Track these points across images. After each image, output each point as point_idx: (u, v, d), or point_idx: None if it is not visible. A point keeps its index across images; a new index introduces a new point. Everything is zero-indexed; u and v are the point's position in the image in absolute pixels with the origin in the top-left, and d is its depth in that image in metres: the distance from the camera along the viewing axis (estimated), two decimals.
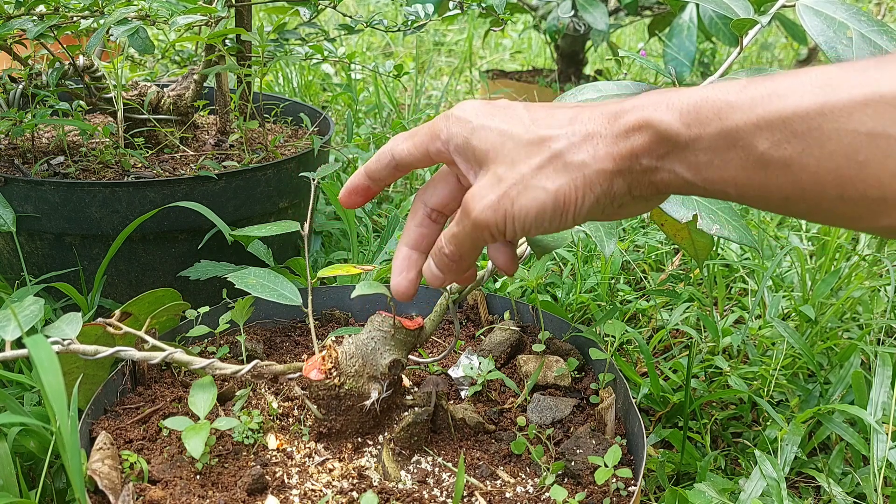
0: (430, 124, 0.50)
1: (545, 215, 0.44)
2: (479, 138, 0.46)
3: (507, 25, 2.18)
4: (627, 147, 0.41)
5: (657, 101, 0.40)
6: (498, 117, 0.46)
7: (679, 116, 0.38)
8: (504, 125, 0.45)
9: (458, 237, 0.49)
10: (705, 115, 0.37)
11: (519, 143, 0.44)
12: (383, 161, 0.53)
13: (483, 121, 0.46)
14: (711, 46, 2.31)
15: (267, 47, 1.11)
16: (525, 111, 0.46)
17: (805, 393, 0.91)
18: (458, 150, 0.48)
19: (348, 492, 0.63)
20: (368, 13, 2.46)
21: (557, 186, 0.43)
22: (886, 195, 0.33)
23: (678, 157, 0.39)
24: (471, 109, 0.48)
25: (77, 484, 0.52)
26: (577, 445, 0.68)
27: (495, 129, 0.45)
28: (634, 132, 0.40)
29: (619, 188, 0.42)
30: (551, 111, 0.45)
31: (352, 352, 0.67)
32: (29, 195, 0.94)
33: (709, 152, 0.38)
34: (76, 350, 0.61)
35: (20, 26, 0.95)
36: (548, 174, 0.43)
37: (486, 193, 0.45)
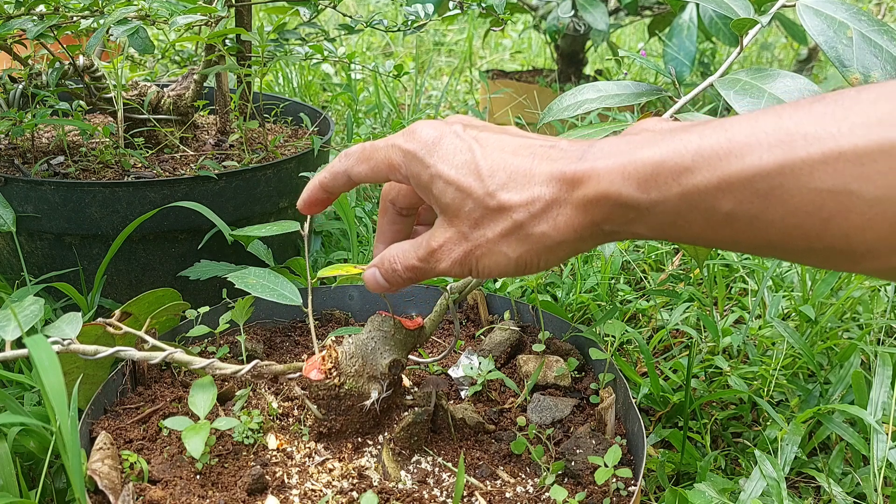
0: (386, 153, 0.49)
1: (507, 273, 0.46)
2: (439, 190, 0.46)
3: (507, 25, 2.18)
4: (589, 219, 0.41)
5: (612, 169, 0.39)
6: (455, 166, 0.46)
7: (637, 185, 0.38)
8: (462, 178, 0.45)
9: (418, 272, 0.51)
10: (663, 179, 0.37)
11: (480, 206, 0.45)
12: (339, 180, 0.54)
13: (440, 168, 0.46)
14: (711, 46, 2.31)
15: (267, 47, 1.11)
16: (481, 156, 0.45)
17: (805, 393, 0.92)
18: (420, 189, 0.49)
19: (348, 492, 0.63)
20: (368, 13, 2.47)
21: (519, 255, 0.44)
22: (854, 248, 0.33)
23: (640, 223, 0.39)
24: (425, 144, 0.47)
25: (77, 484, 0.52)
26: (577, 445, 0.68)
27: (453, 184, 0.45)
28: (594, 205, 0.40)
29: (582, 248, 0.44)
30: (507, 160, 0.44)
31: (352, 352, 0.67)
32: (29, 195, 0.94)
33: (671, 215, 0.38)
34: (76, 350, 0.61)
35: (20, 26, 0.95)
36: (509, 243, 0.44)
37: (453, 248, 0.47)
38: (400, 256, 0.52)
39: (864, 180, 0.31)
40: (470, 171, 0.45)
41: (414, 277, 0.52)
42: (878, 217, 0.32)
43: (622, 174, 0.39)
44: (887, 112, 0.32)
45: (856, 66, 0.60)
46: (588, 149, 0.41)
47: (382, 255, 0.53)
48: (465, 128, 0.47)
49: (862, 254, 0.33)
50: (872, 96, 0.32)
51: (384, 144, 0.50)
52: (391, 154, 0.49)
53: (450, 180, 0.46)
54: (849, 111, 0.33)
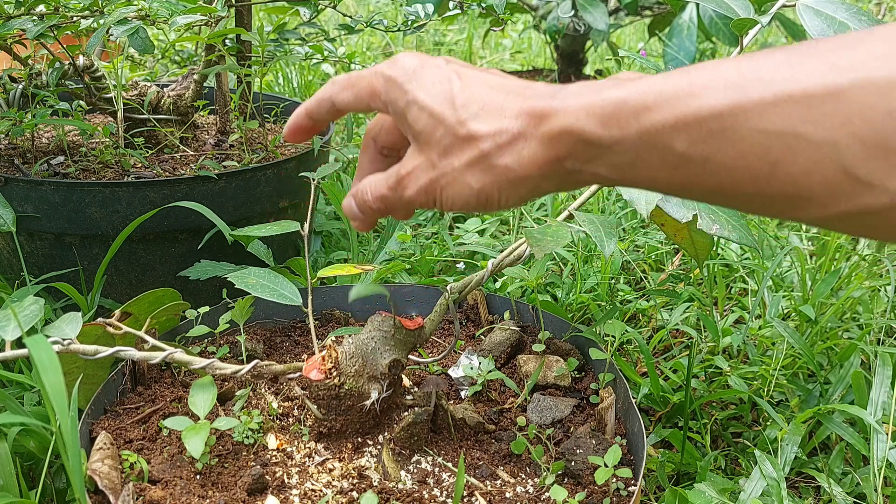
0: (370, 79, 0.50)
1: (469, 206, 0.47)
2: (413, 116, 0.47)
3: (507, 25, 2.18)
4: (553, 154, 0.42)
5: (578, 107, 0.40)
6: (432, 94, 0.47)
7: (599, 122, 0.39)
8: (436, 105, 0.46)
9: (388, 201, 0.51)
10: (624, 117, 0.38)
11: (450, 134, 0.45)
12: (324, 106, 0.55)
13: (418, 94, 0.47)
14: (711, 46, 2.31)
15: (267, 47, 1.11)
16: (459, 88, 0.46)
17: (805, 393, 0.91)
18: (395, 116, 0.49)
19: (348, 492, 0.63)
20: (368, 13, 2.46)
21: (481, 186, 0.45)
22: (800, 192, 0.34)
23: (601, 161, 0.40)
24: (406, 71, 0.48)
25: (77, 484, 0.52)
26: (577, 445, 0.68)
27: (427, 110, 0.46)
28: (557, 139, 0.41)
29: (544, 187, 0.44)
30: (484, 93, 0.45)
31: (352, 352, 0.67)
32: (29, 195, 0.94)
33: (629, 154, 0.39)
34: (76, 350, 0.61)
35: (20, 26, 0.95)
36: (474, 173, 0.45)
37: (420, 176, 0.48)
38: (371, 186, 0.52)
39: (811, 123, 0.32)
40: (445, 100, 0.46)
41: (384, 208, 0.52)
42: (824, 160, 0.32)
43: (586, 111, 0.40)
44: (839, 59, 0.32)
45: None
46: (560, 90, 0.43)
47: (358, 186, 0.54)
48: (447, 62, 0.49)
49: (807, 199, 0.34)
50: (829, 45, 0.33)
51: (369, 72, 0.51)
52: (374, 80, 0.50)
53: (424, 106, 0.47)
54: (804, 58, 0.34)
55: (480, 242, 1.29)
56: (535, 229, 0.68)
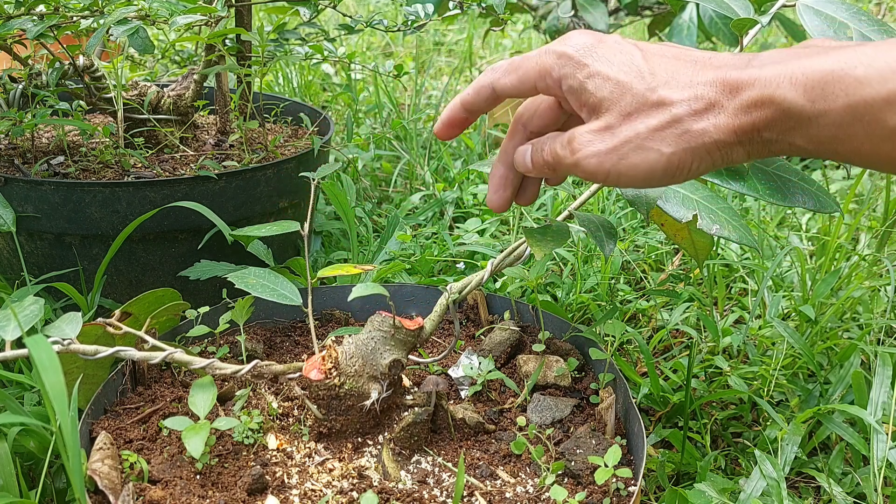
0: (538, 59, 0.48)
1: (654, 175, 0.44)
2: (595, 85, 0.45)
3: (506, 25, 2.18)
4: (749, 121, 0.40)
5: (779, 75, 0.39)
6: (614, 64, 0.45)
7: (804, 93, 0.38)
8: (622, 75, 0.44)
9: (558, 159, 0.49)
10: (831, 90, 0.37)
11: (637, 100, 0.44)
12: (483, 94, 0.52)
13: (599, 66, 0.45)
14: (711, 46, 2.31)
15: (267, 47, 1.11)
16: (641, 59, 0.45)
17: (805, 393, 0.91)
18: (571, 91, 0.47)
19: (348, 492, 0.63)
20: (368, 13, 2.47)
21: (673, 151, 0.43)
22: None
23: (801, 132, 0.39)
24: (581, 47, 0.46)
25: (77, 484, 0.52)
26: (577, 445, 0.68)
27: (612, 80, 0.45)
28: (756, 108, 0.40)
29: (737, 156, 0.43)
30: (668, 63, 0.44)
31: (352, 352, 0.67)
32: (29, 195, 0.94)
33: (833, 127, 0.38)
34: (76, 350, 0.61)
35: (20, 26, 0.95)
36: (664, 137, 0.43)
37: (595, 141, 0.45)
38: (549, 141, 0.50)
39: None
40: (631, 70, 0.44)
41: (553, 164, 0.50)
42: None
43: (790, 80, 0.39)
44: None
45: None
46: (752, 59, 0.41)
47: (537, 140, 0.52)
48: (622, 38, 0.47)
49: None
50: None
51: (535, 53, 0.49)
52: (543, 59, 0.48)
53: (608, 76, 0.45)
54: None
55: (480, 242, 1.29)
56: (535, 229, 0.68)
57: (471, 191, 1.49)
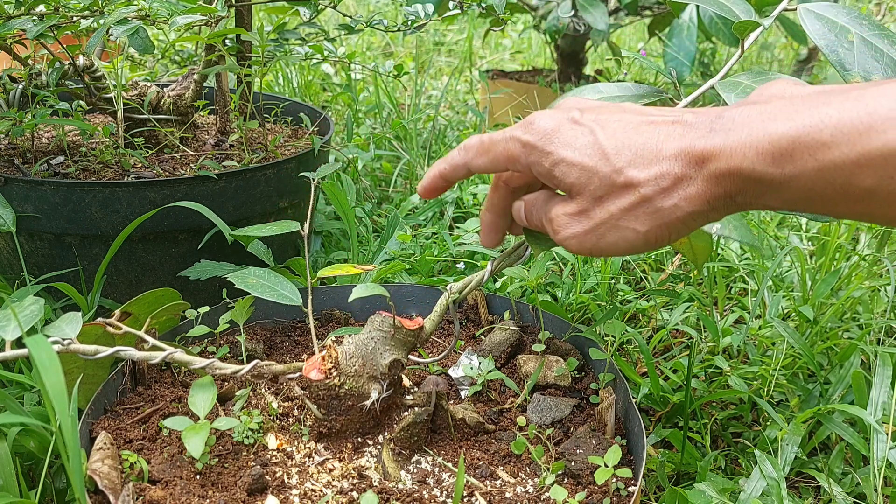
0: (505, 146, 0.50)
1: (635, 248, 0.46)
2: (562, 172, 0.47)
3: (507, 25, 2.18)
4: (720, 191, 0.41)
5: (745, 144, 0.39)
6: (577, 149, 0.46)
7: (771, 161, 0.38)
8: (586, 159, 0.45)
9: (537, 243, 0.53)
10: (799, 155, 0.37)
11: (605, 183, 0.44)
12: (459, 171, 0.55)
13: (563, 153, 0.46)
14: (711, 46, 2.31)
15: (267, 47, 1.11)
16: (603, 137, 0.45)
17: (805, 393, 0.91)
18: (542, 176, 0.49)
19: (348, 492, 0.63)
20: (368, 13, 2.47)
21: (648, 228, 0.44)
22: None
23: (773, 196, 0.39)
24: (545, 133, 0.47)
25: (77, 484, 0.52)
26: (577, 445, 0.68)
27: (577, 165, 0.46)
28: (726, 179, 0.40)
29: (714, 217, 0.43)
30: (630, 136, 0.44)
31: (352, 352, 0.67)
32: (29, 195, 0.94)
33: (805, 189, 0.38)
34: (76, 350, 0.61)
35: (20, 26, 0.95)
36: (637, 216, 0.44)
37: (573, 224, 0.47)
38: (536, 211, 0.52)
39: None
40: (594, 152, 0.45)
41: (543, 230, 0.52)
42: None
43: (756, 150, 0.38)
44: None
45: (857, 69, 0.60)
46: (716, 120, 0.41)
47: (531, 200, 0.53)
48: (582, 112, 0.48)
49: None
50: None
51: (502, 137, 0.50)
52: (510, 146, 0.50)
53: (573, 162, 0.46)
54: None
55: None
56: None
57: (471, 191, 1.49)
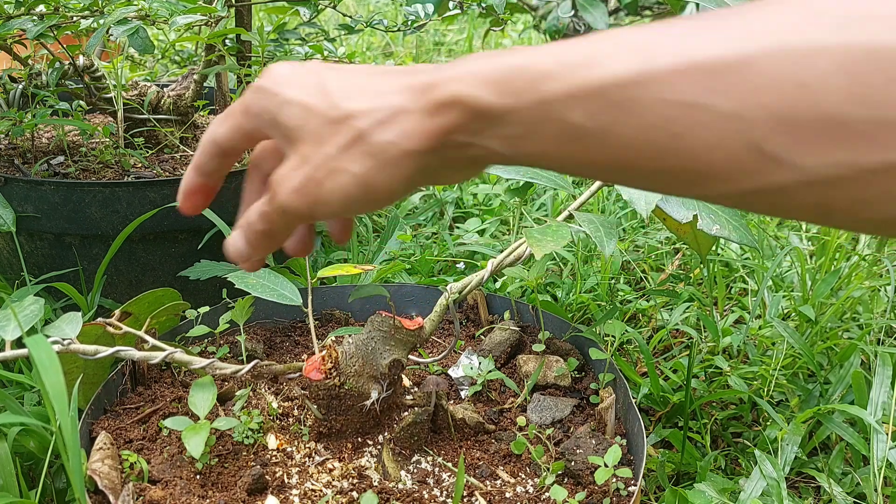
0: (242, 99, 0.46)
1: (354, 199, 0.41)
2: (286, 114, 0.43)
3: (506, 25, 2.18)
4: (437, 125, 0.38)
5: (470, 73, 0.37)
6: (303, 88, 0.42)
7: (493, 89, 0.36)
8: (308, 97, 0.42)
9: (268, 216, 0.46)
10: (521, 85, 0.35)
11: (323, 120, 0.41)
12: (207, 150, 0.49)
13: (288, 93, 0.43)
14: None
15: (267, 47, 1.11)
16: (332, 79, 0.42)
17: (805, 393, 0.91)
18: (271, 126, 0.44)
19: (348, 492, 0.63)
20: (368, 13, 2.46)
21: (364, 170, 0.40)
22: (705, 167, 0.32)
23: (492, 132, 0.37)
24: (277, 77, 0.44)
25: (77, 484, 0.52)
26: (577, 445, 0.68)
27: (299, 104, 0.42)
28: (445, 109, 0.37)
29: (431, 165, 0.40)
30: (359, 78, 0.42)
31: (352, 352, 0.67)
32: (29, 195, 0.94)
33: (523, 125, 0.35)
34: (76, 350, 0.61)
35: (20, 26, 0.95)
36: (353, 156, 0.40)
37: (292, 176, 0.42)
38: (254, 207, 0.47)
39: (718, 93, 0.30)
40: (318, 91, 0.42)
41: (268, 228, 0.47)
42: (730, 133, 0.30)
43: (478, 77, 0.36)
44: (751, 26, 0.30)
45: None
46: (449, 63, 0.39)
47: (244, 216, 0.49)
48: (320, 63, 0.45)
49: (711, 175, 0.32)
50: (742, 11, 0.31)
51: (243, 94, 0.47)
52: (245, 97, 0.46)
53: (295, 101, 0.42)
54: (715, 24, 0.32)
55: (480, 242, 1.29)
56: (535, 229, 0.68)
57: (471, 191, 1.49)
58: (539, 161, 0.37)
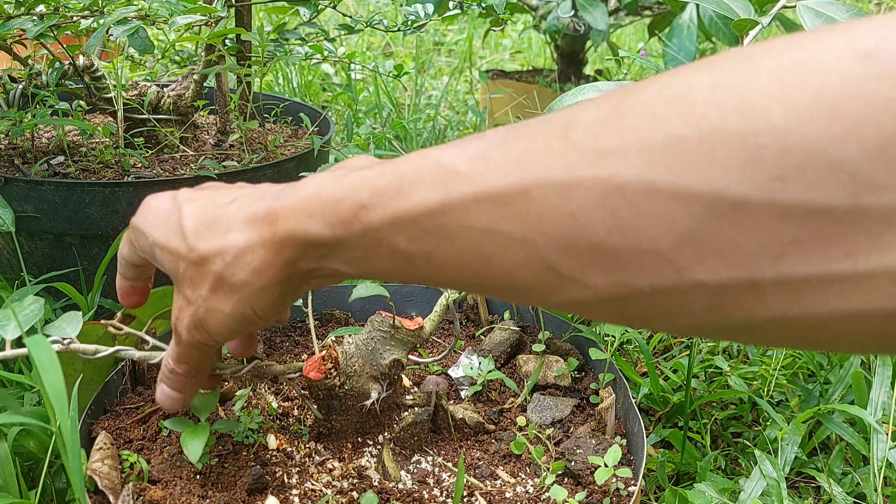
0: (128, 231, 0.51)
1: (234, 328, 0.45)
2: (159, 258, 0.47)
3: (507, 25, 2.18)
4: (282, 259, 0.40)
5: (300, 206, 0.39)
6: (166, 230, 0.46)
7: (322, 223, 0.38)
8: (172, 243, 0.45)
9: (181, 355, 0.51)
10: (344, 217, 0.37)
11: (188, 265, 0.44)
12: (122, 263, 0.55)
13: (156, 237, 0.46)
14: (711, 46, 2.31)
15: (267, 47, 1.11)
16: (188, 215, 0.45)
17: (805, 393, 0.92)
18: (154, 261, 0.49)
19: (348, 492, 0.63)
20: (368, 13, 2.46)
21: (231, 308, 0.44)
22: (519, 284, 0.33)
23: (333, 257, 0.39)
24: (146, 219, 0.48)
25: (77, 484, 0.52)
26: (577, 445, 0.68)
27: (167, 250, 0.46)
28: (285, 244, 0.40)
29: (291, 288, 0.43)
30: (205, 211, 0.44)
31: (352, 352, 0.67)
32: (29, 195, 0.94)
33: (359, 249, 0.38)
34: (76, 349, 0.61)
35: (20, 26, 0.95)
36: (220, 297, 0.44)
37: (183, 317, 0.47)
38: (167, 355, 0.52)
39: (509, 221, 0.31)
40: (176, 233, 0.45)
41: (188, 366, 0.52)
42: (528, 257, 0.31)
43: (307, 212, 0.39)
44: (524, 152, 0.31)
45: None
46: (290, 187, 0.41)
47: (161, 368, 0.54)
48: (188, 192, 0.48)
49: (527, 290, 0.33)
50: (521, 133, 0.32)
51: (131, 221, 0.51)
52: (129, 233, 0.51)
53: (163, 246, 0.46)
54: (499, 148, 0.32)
55: None
56: None
57: None
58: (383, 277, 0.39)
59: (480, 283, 0.34)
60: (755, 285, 0.26)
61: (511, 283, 0.33)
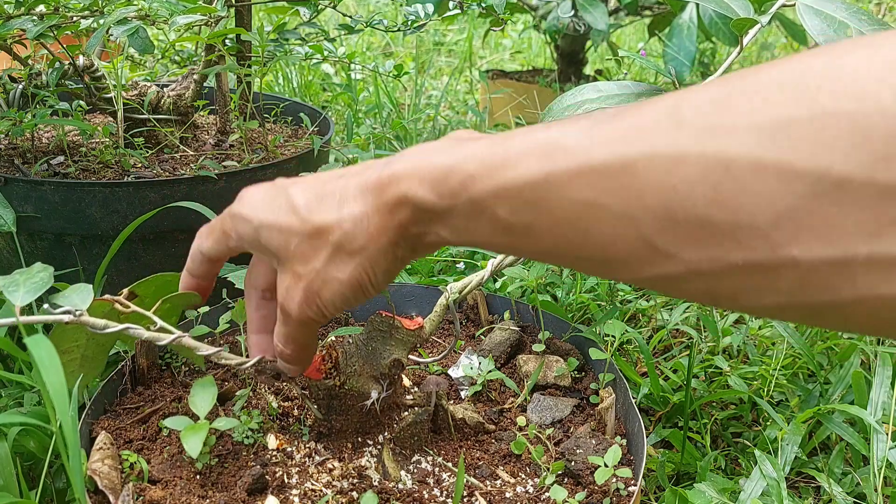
0: (222, 221, 0.52)
1: (349, 297, 0.46)
2: (266, 239, 0.48)
3: (507, 25, 2.18)
4: (395, 222, 0.42)
5: (412, 172, 0.41)
6: (274, 210, 0.47)
7: (431, 189, 0.40)
8: (282, 220, 0.47)
9: (290, 335, 0.52)
10: (453, 186, 0.39)
11: (302, 239, 0.46)
12: (196, 259, 0.57)
13: (262, 217, 0.48)
14: (711, 46, 2.31)
15: (267, 47, 1.11)
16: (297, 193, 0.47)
17: (805, 393, 0.92)
18: (253, 247, 0.50)
19: (348, 492, 0.63)
20: (368, 13, 2.46)
21: (348, 275, 0.45)
22: (611, 257, 0.34)
23: (440, 223, 0.41)
24: (249, 204, 0.49)
25: (77, 484, 0.52)
26: (577, 445, 0.68)
27: (275, 228, 0.47)
28: (398, 207, 0.42)
29: (401, 253, 0.44)
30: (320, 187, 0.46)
31: (352, 352, 0.67)
32: (29, 195, 0.94)
33: (463, 218, 0.39)
34: (86, 322, 0.59)
35: (20, 26, 0.95)
36: (337, 266, 0.45)
37: (295, 293, 0.48)
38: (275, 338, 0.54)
39: (610, 194, 0.33)
40: (288, 210, 0.46)
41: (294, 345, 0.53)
42: (626, 230, 0.33)
43: (419, 178, 0.41)
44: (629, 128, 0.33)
45: None
46: (397, 156, 0.43)
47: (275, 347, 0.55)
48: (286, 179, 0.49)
49: (619, 263, 0.34)
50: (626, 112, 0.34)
51: (222, 214, 0.52)
52: (224, 222, 0.52)
53: (271, 224, 0.47)
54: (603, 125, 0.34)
55: None
56: None
57: None
58: (482, 246, 0.41)
59: (575, 255, 0.36)
60: (846, 264, 0.27)
61: (605, 255, 0.34)
